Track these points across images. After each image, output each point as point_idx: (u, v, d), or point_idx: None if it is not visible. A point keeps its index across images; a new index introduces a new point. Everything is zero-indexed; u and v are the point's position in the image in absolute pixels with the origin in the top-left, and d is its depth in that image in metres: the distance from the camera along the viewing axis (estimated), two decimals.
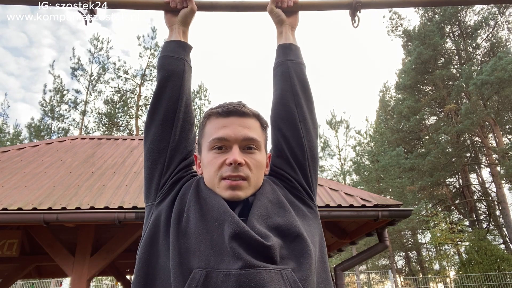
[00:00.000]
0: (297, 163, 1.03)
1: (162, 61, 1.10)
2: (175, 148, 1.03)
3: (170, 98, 1.05)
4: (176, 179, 1.00)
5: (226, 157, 0.92)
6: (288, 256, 0.82)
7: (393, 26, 25.13)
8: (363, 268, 27.10)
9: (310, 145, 1.06)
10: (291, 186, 1.01)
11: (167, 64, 1.09)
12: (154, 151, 1.02)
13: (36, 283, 14.68)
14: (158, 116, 1.04)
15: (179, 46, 1.13)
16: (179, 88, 1.06)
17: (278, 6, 1.20)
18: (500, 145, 19.53)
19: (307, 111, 1.09)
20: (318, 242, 0.92)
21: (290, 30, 1.21)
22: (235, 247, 0.78)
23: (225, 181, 0.90)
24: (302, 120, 1.07)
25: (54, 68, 29.54)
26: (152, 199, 1.00)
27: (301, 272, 0.79)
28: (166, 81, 1.06)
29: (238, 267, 0.75)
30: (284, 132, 1.06)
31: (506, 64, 16.85)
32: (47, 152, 6.04)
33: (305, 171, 1.04)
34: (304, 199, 1.01)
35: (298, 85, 1.11)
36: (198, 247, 0.81)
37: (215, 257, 0.79)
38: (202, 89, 26.94)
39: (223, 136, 0.93)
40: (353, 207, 4.16)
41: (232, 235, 0.80)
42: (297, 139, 1.05)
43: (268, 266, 0.76)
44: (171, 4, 1.16)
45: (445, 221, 18.25)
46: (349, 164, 26.43)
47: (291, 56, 1.16)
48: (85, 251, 4.09)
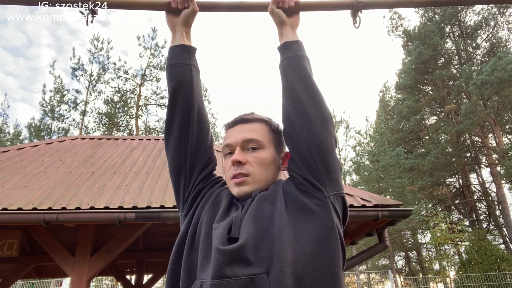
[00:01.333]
0: (302, 159, 1.00)
1: (170, 70, 1.12)
2: (193, 159, 1.08)
3: (182, 110, 1.08)
4: (198, 190, 1.08)
5: None
6: (265, 258, 0.83)
7: (393, 26, 25.15)
8: (363, 268, 27.11)
9: (312, 136, 0.99)
10: (298, 182, 0.99)
11: (175, 73, 1.10)
12: (176, 165, 1.08)
13: (36, 283, 14.68)
14: (174, 130, 1.08)
15: (184, 51, 1.13)
16: (190, 97, 1.09)
17: (279, 7, 1.19)
18: (500, 145, 19.54)
19: (308, 103, 1.02)
20: (314, 237, 0.88)
21: (291, 30, 1.20)
22: (212, 258, 0.84)
23: (232, 180, 1.02)
24: (301, 113, 1.01)
25: (55, 69, 29.54)
26: (181, 210, 1.09)
27: (278, 273, 0.79)
28: (176, 92, 1.09)
29: (211, 278, 0.80)
30: (285, 127, 1.06)
31: (506, 64, 16.85)
32: (47, 152, 6.04)
33: (309, 165, 0.99)
34: (311, 193, 0.96)
35: (295, 79, 1.05)
36: (200, 259, 0.89)
37: (203, 266, 0.87)
38: (202, 89, 26.89)
39: (228, 143, 1.07)
40: (353, 207, 4.16)
41: (214, 245, 0.86)
42: (295, 132, 1.02)
43: (240, 276, 0.79)
44: (172, 4, 1.16)
45: (445, 221, 18.23)
46: (349, 164, 26.45)
47: (287, 54, 1.12)
48: (85, 251, 4.09)
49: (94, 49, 24.05)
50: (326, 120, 1.01)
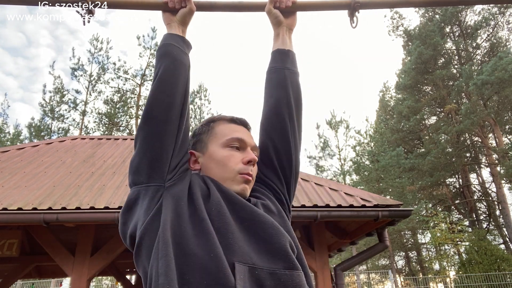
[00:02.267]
0: (284, 177, 1.09)
1: (168, 48, 1.00)
2: (182, 139, 0.97)
3: (182, 84, 0.97)
4: (186, 167, 0.97)
5: (244, 155, 1.00)
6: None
7: (394, 26, 25.17)
8: (363, 268, 27.10)
9: (297, 162, 1.11)
10: (277, 197, 1.07)
11: (175, 52, 1.00)
12: (162, 132, 0.92)
13: (36, 283, 14.68)
14: (176, 100, 0.95)
15: (183, 41, 1.07)
16: (186, 80, 1.00)
17: (276, 7, 1.19)
18: (500, 145, 19.53)
19: (297, 125, 1.12)
20: None
21: (288, 32, 1.20)
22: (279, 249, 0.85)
23: (241, 176, 0.98)
24: (293, 135, 1.10)
25: (55, 69, 29.55)
26: (158, 180, 0.90)
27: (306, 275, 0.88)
28: (175, 68, 0.97)
29: (282, 268, 0.82)
30: (276, 143, 1.09)
31: (507, 64, 16.85)
32: (47, 152, 6.04)
33: (289, 185, 1.10)
34: (284, 211, 1.06)
35: (292, 97, 1.12)
36: (236, 242, 0.83)
37: (255, 254, 0.82)
38: (202, 89, 26.94)
39: (242, 138, 1.02)
40: (353, 207, 4.16)
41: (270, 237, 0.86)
42: (287, 154, 1.09)
43: (298, 270, 0.85)
44: (169, 4, 1.16)
45: (445, 221, 18.23)
46: (349, 164, 26.42)
47: (288, 64, 1.15)
48: (85, 251, 4.09)
49: (93, 49, 24.07)
50: (300, 147, 1.16)
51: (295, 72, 1.16)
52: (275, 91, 1.12)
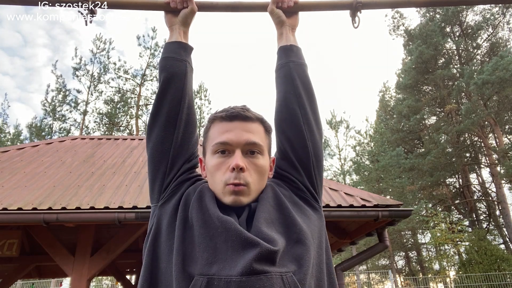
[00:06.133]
0: (302, 164, 1.03)
1: (164, 62, 1.09)
2: (178, 149, 1.02)
3: (172, 100, 1.04)
4: (180, 181, 1.00)
5: (229, 162, 0.92)
6: (289, 258, 0.82)
7: (395, 25, 25.17)
8: (363, 268, 27.10)
9: (314, 146, 1.05)
10: (296, 187, 1.01)
11: (169, 66, 1.08)
12: (157, 153, 1.01)
13: (36, 283, 14.68)
14: (161, 118, 1.03)
15: (180, 47, 1.12)
16: (181, 90, 1.05)
17: (279, 7, 1.19)
18: (500, 145, 19.53)
19: (310, 112, 1.08)
20: (317, 244, 0.91)
21: (291, 31, 1.21)
22: (238, 254, 0.79)
23: (228, 186, 0.90)
24: (306, 122, 1.06)
25: (57, 68, 29.55)
26: (156, 200, 1.00)
27: (301, 274, 0.80)
28: (168, 83, 1.05)
29: (238, 274, 0.75)
30: (288, 134, 1.05)
31: (508, 63, 16.85)
32: (47, 152, 6.04)
33: (309, 172, 1.03)
34: (308, 201, 1.01)
35: (300, 86, 1.10)
36: (201, 254, 0.81)
37: (217, 264, 0.79)
38: (202, 89, 26.95)
39: (226, 141, 0.93)
40: (353, 207, 4.16)
41: (237, 242, 0.81)
42: (301, 141, 1.04)
43: (270, 272, 0.77)
44: (171, 4, 1.16)
45: (445, 221, 18.22)
46: (349, 164, 26.45)
47: (292, 57, 1.14)
48: (85, 251, 4.09)
49: (95, 49, 24.07)
50: (322, 132, 1.10)
51: (301, 63, 1.14)
52: (283, 86, 1.11)
